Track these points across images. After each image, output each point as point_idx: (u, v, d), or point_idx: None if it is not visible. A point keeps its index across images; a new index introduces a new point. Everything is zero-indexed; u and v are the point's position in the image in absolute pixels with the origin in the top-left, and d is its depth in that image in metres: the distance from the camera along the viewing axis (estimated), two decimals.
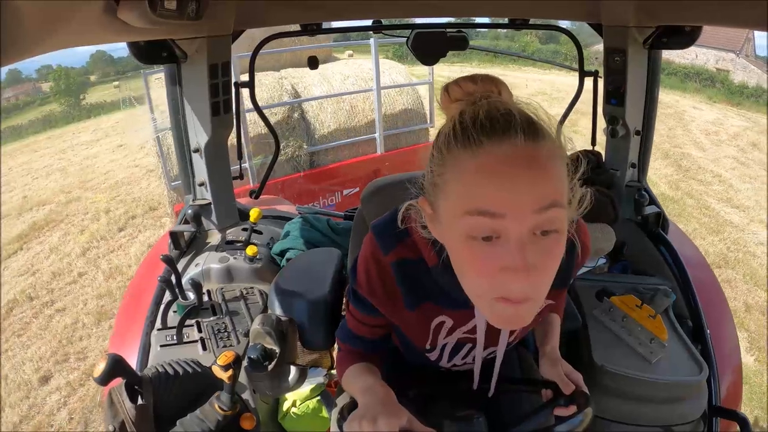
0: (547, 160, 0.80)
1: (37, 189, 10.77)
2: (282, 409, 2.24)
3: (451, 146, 0.83)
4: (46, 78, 23.82)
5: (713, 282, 2.23)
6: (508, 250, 0.79)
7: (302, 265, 1.98)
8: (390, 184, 1.76)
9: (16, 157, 13.73)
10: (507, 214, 0.77)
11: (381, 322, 1.17)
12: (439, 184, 0.86)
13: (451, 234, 0.87)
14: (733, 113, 17.05)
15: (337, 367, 1.27)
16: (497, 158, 0.78)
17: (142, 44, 1.85)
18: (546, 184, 0.79)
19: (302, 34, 2.19)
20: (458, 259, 0.88)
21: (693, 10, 1.62)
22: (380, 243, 1.06)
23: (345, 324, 1.25)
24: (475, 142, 0.80)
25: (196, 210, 2.26)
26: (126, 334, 1.97)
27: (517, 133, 0.79)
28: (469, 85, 0.94)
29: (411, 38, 2.20)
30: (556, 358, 1.26)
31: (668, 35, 1.95)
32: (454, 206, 0.83)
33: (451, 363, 1.27)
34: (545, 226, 0.79)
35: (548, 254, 0.81)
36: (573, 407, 1.14)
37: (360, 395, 1.06)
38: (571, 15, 2.20)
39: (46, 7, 0.78)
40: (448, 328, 1.14)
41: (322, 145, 6.04)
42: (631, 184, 2.33)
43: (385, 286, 1.06)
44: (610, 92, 2.19)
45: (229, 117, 2.22)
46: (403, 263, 1.04)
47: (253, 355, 1.57)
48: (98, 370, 1.17)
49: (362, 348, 1.24)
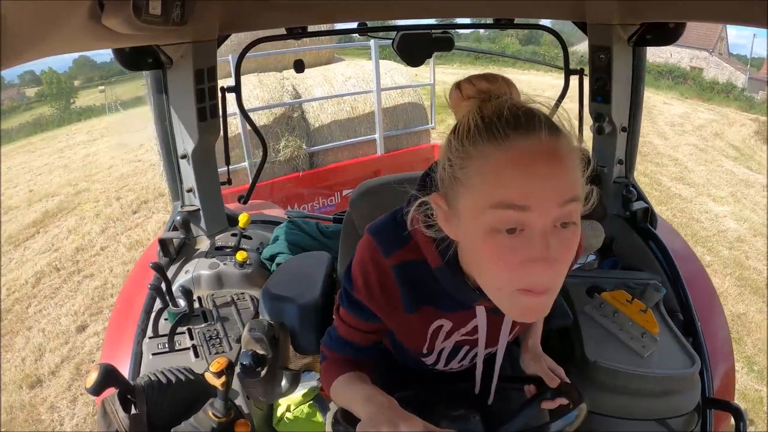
0: (567, 155, 0.82)
1: (43, 184, 10.84)
2: (276, 414, 2.23)
3: (476, 139, 0.83)
4: (29, 84, 23.65)
5: (703, 275, 2.25)
6: (533, 242, 0.80)
7: (292, 269, 1.98)
8: (378, 186, 1.76)
9: (12, 157, 13.61)
10: (533, 206, 0.79)
11: (375, 328, 1.15)
12: (461, 177, 0.86)
13: (471, 228, 0.86)
14: (702, 108, 17.62)
15: (324, 377, 1.22)
16: (523, 152, 0.80)
17: (128, 51, 1.84)
18: (567, 178, 0.81)
19: (288, 38, 2.19)
20: (478, 253, 0.88)
21: (676, 7, 1.64)
22: (381, 246, 1.04)
23: (334, 331, 1.21)
24: (502, 136, 0.81)
25: (185, 216, 2.25)
26: (117, 343, 1.95)
27: (542, 128, 0.80)
28: (482, 84, 0.94)
29: (396, 40, 2.20)
30: (538, 354, 1.28)
31: (652, 32, 1.97)
32: (479, 199, 0.83)
33: (448, 366, 1.26)
34: (565, 219, 0.81)
35: (567, 245, 0.83)
36: (559, 400, 1.16)
37: (361, 405, 1.03)
38: (555, 14, 2.21)
39: (31, 16, 0.78)
40: (446, 331, 1.13)
41: (322, 146, 6.02)
42: (618, 180, 2.35)
43: (384, 289, 1.05)
44: (595, 90, 2.20)
45: (216, 122, 2.21)
46: (404, 265, 1.03)
47: (245, 361, 1.56)
48: (90, 380, 1.16)
49: (352, 355, 1.19)
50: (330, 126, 6.09)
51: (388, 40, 2.40)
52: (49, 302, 5.71)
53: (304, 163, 5.83)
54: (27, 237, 7.69)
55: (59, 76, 22.72)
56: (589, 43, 2.13)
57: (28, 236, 7.72)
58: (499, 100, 0.86)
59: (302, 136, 5.82)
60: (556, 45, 2.48)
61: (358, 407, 1.03)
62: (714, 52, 22.86)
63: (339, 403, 1.15)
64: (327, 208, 6.00)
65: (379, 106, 6.04)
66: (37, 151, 14.45)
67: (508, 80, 0.97)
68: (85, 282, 6.10)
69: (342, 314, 1.16)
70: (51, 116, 20.20)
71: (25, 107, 21.83)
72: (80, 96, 22.88)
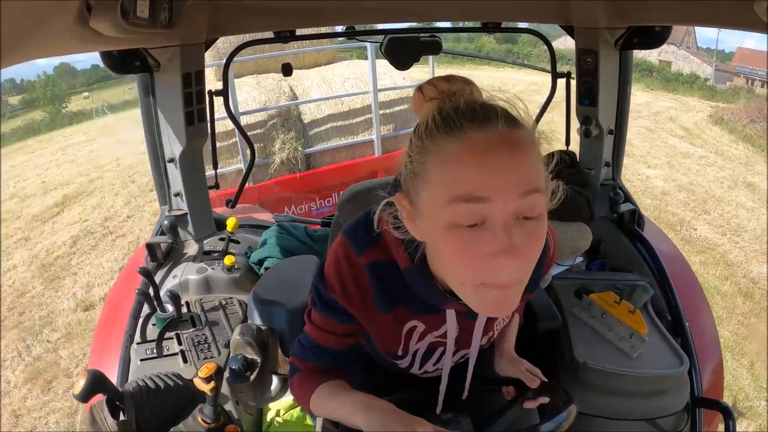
0: (527, 146, 0.81)
1: (54, 176, 11.08)
2: (266, 419, 2.21)
3: (433, 133, 0.83)
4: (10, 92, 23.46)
5: (690, 275, 2.27)
6: (495, 234, 0.79)
7: (281, 273, 1.97)
8: (365, 190, 1.76)
9: (13, 158, 13.61)
10: (492, 197, 0.78)
11: (350, 330, 1.11)
12: (420, 172, 0.86)
13: (433, 225, 0.85)
14: (665, 98, 18.30)
15: (298, 391, 1.17)
16: (480, 142, 0.79)
17: (115, 54, 1.83)
18: (528, 168, 0.80)
19: (276, 41, 2.18)
20: (441, 250, 0.87)
21: (663, 11, 1.66)
22: (353, 244, 1.04)
23: (305, 338, 1.15)
24: (458, 127, 0.81)
25: (172, 221, 2.23)
26: (105, 349, 1.93)
27: (498, 119, 0.80)
28: (443, 85, 0.96)
29: (385, 43, 2.21)
30: (513, 357, 1.28)
31: (639, 36, 1.99)
32: (438, 194, 0.82)
33: (422, 369, 1.24)
34: (527, 212, 0.80)
35: (532, 237, 0.82)
36: (541, 399, 1.15)
37: (360, 414, 0.99)
38: (542, 17, 2.22)
39: (15, 18, 0.76)
40: (419, 333, 1.11)
41: (319, 147, 5.99)
42: (605, 183, 2.37)
43: (359, 287, 1.04)
44: (582, 93, 2.22)
45: (204, 126, 2.20)
46: (375, 265, 1.02)
47: (234, 365, 1.55)
48: (78, 387, 1.15)
49: (327, 362, 1.15)
50: (327, 127, 6.08)
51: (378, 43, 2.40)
52: (88, 256, 6.70)
53: (301, 164, 5.81)
54: (53, 215, 8.28)
55: (52, 78, 22.64)
56: (576, 46, 2.15)
57: (53, 214, 8.32)
58: (456, 96, 0.87)
59: (299, 138, 5.80)
60: (533, 44, 2.51)
61: (358, 417, 0.99)
62: (682, 45, 23.63)
63: (325, 415, 1.11)
64: (324, 209, 6.00)
65: (376, 107, 6.02)
66: (37, 151, 14.50)
67: (468, 80, 0.99)
68: (118, 240, 7.11)
69: (315, 318, 1.12)
70: (42, 120, 20.08)
71: (10, 114, 21.63)
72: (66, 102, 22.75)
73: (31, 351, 4.77)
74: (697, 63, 23.06)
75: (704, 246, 6.67)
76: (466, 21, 2.46)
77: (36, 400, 4.12)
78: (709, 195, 8.50)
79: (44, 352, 4.75)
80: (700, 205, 8.08)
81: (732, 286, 5.71)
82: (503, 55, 24.35)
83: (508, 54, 25.06)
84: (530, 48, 25.44)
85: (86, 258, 6.66)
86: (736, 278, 5.87)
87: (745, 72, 22.64)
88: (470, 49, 24.29)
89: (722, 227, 7.28)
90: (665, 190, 8.62)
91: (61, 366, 4.53)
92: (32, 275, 6.29)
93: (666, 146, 11.33)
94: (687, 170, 9.70)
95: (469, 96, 0.87)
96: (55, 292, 5.84)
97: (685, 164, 10.08)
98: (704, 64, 23.07)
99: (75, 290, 5.81)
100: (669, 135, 12.39)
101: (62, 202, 8.87)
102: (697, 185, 8.94)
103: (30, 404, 4.08)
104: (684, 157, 10.55)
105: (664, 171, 9.55)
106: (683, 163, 10.18)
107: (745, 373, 4.20)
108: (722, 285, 5.71)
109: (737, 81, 22.31)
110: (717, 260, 6.28)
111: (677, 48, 23.31)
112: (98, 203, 8.66)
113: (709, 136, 12.64)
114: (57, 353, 4.72)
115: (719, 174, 9.64)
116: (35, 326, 5.15)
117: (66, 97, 22.69)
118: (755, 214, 7.69)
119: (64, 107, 21.89)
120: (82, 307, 5.40)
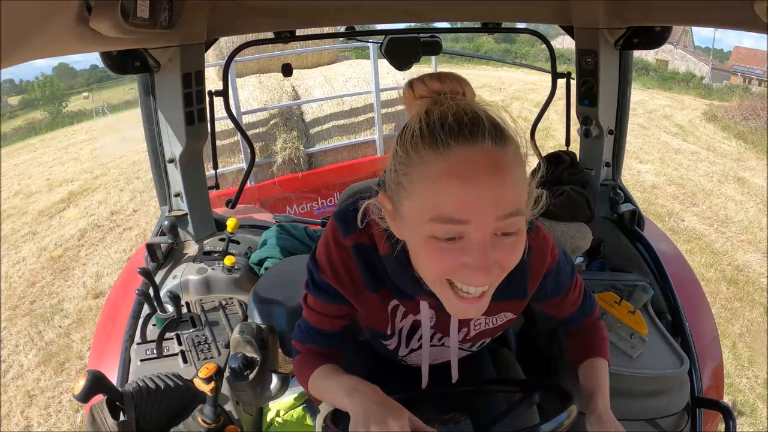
0: (511, 166, 0.83)
1: (58, 173, 11.17)
2: (266, 419, 2.21)
3: (418, 147, 0.84)
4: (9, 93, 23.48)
5: (690, 276, 2.27)
6: (470, 250, 0.83)
7: (280, 273, 1.97)
8: (365, 189, 1.76)
9: (15, 157, 13.71)
10: (471, 221, 0.81)
11: (343, 311, 1.16)
12: (404, 183, 0.87)
13: (412, 232, 0.89)
14: (661, 96, 18.41)
15: (299, 374, 1.22)
16: (463, 162, 0.80)
17: (115, 54, 1.83)
18: (509, 190, 0.82)
19: (276, 42, 2.18)
20: (419, 253, 0.90)
21: (663, 11, 1.66)
22: (340, 227, 1.08)
23: (304, 322, 1.21)
24: (443, 145, 0.81)
25: (172, 221, 2.23)
26: (105, 350, 1.93)
27: (485, 137, 0.81)
28: (434, 83, 0.95)
29: (385, 44, 2.20)
30: (607, 420, 1.20)
31: (639, 36, 1.99)
32: (419, 210, 0.85)
33: (408, 348, 1.25)
34: (505, 230, 0.83)
35: (508, 252, 0.86)
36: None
37: (346, 398, 1.00)
38: (542, 18, 2.22)
39: (17, 17, 0.76)
40: (402, 312, 1.15)
41: (321, 146, 6.00)
42: (605, 183, 2.36)
43: (347, 268, 1.07)
44: (582, 93, 2.22)
45: (204, 126, 2.20)
46: (360, 247, 1.06)
47: (234, 364, 1.55)
48: (78, 387, 1.15)
49: (324, 345, 1.20)
50: (329, 127, 6.09)
51: None
52: (96, 247, 6.93)
53: (303, 164, 5.82)
54: (59, 210, 8.44)
55: (52, 78, 22.64)
56: (576, 46, 2.14)
57: (60, 209, 8.48)
58: (444, 105, 0.86)
59: (301, 137, 5.80)
60: (530, 43, 2.51)
61: (344, 401, 1.02)
62: (679, 45, 23.72)
63: (319, 397, 1.18)
64: (327, 208, 6.03)
65: (378, 107, 6.02)
66: (39, 150, 14.54)
67: (462, 79, 0.97)
68: (125, 233, 7.31)
69: (310, 302, 1.17)
70: (43, 120, 20.09)
71: (11, 114, 21.62)
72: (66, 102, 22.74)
73: (43, 336, 4.94)
74: (694, 62, 23.14)
75: (691, 236, 6.87)
76: (465, 21, 2.45)
77: (49, 381, 4.28)
78: (698, 188, 8.71)
79: (56, 336, 4.93)
80: (689, 198, 8.28)
81: (716, 273, 5.91)
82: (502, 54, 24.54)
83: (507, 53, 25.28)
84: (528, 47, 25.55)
85: (94, 249, 6.88)
86: (721, 266, 6.07)
87: (742, 71, 22.81)
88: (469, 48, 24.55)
89: (710, 218, 7.50)
90: (655, 183, 8.82)
91: (74, 349, 4.72)
92: (41, 266, 6.50)
93: (659, 142, 11.48)
94: (678, 165, 9.92)
95: (458, 103, 0.87)
96: (65, 281, 6.08)
97: (676, 159, 10.27)
98: (701, 63, 23.17)
99: (85, 279, 6.06)
100: (662, 132, 12.56)
101: (68, 198, 9.01)
102: (687, 179, 9.13)
103: (43, 385, 4.24)
104: (676, 153, 10.74)
105: (655, 166, 9.75)
106: (675, 158, 10.36)
107: (727, 353, 4.44)
108: (707, 272, 5.87)
109: (734, 80, 22.41)
110: (703, 249, 6.48)
111: (674, 47, 23.37)
112: (104, 199, 8.80)
113: (703, 133, 12.82)
114: (69, 337, 4.90)
115: (710, 169, 9.87)
116: (46, 313, 5.34)
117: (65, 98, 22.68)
118: (743, 207, 7.92)
119: (63, 107, 21.90)
120: (92, 295, 5.63)
